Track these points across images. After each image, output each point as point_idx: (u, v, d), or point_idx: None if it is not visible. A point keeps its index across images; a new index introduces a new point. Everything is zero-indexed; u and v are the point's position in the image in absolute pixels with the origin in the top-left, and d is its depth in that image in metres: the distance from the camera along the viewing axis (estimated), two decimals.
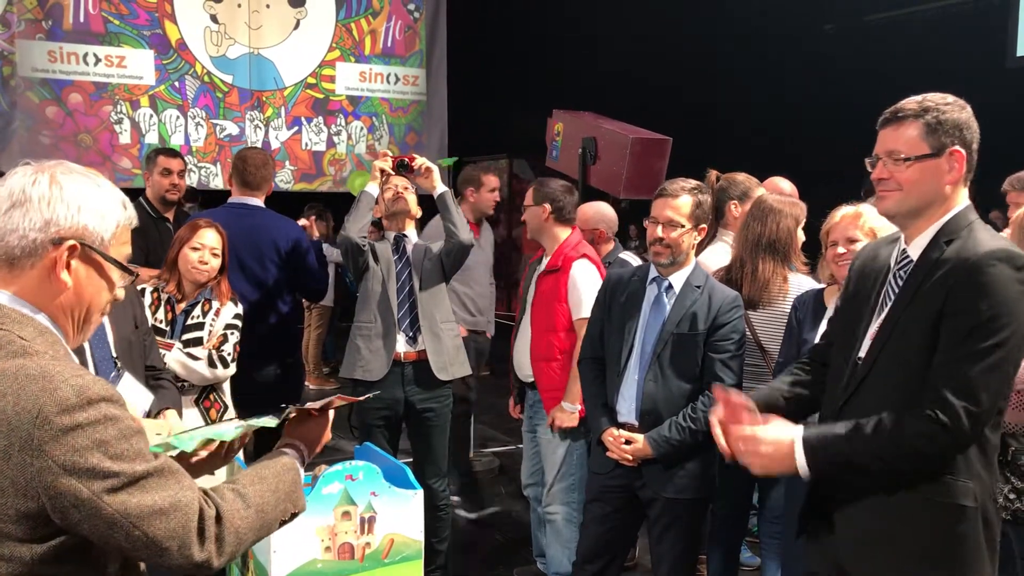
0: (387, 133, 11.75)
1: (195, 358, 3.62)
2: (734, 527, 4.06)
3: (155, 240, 4.84)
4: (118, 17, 10.40)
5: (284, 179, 11.12)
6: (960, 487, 2.10)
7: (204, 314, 3.72)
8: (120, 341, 2.74)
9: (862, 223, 3.26)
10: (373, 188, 4.27)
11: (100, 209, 1.60)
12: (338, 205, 11.08)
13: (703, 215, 3.42)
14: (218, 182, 10.87)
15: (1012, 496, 3.56)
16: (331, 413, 1.99)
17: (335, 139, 11.56)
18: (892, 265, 2.30)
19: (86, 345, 2.60)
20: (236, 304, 3.83)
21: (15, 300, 1.56)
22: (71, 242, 1.56)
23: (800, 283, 3.79)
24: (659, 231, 3.42)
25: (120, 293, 1.68)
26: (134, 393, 2.69)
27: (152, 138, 10.64)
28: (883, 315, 2.25)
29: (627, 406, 3.43)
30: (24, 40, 10.05)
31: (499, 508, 5.73)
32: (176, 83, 10.81)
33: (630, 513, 3.54)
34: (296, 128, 11.36)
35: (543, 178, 4.47)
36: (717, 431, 2.34)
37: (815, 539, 2.42)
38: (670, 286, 3.47)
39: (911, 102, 2.23)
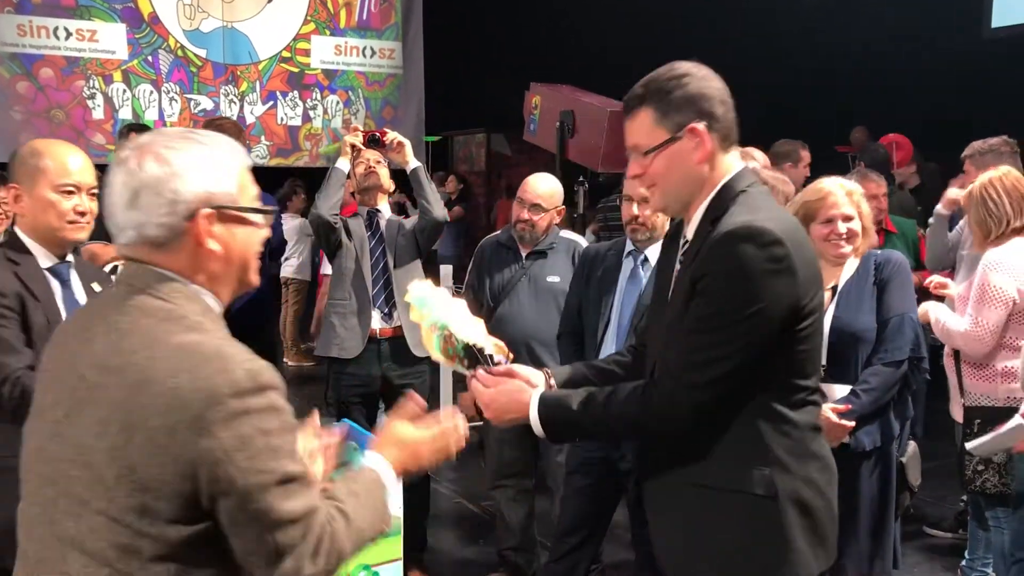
0: (363, 107, 11.66)
1: None
2: None
3: None
4: None
5: (259, 154, 11.02)
6: (755, 475, 1.96)
7: None
8: None
9: (856, 199, 3.15)
10: (344, 164, 4.23)
11: (216, 167, 1.56)
12: (315, 180, 11.02)
13: None
14: None
15: (980, 467, 3.59)
16: (451, 427, 1.90)
17: (311, 113, 11.46)
18: (680, 246, 2.15)
19: None
20: None
21: (180, 277, 1.55)
22: (205, 211, 1.53)
23: None
24: (635, 209, 3.41)
25: (266, 231, 1.68)
26: None
27: (126, 113, 10.51)
28: (669, 300, 2.13)
29: None
30: None
31: (478, 482, 5.74)
32: (149, 57, 10.66)
33: (610, 486, 3.55)
34: (271, 103, 11.24)
35: None
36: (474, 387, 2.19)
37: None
38: (646, 259, 3.47)
39: (638, 87, 2.04)
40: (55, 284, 2.58)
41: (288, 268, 9.06)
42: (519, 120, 7.83)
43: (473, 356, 2.17)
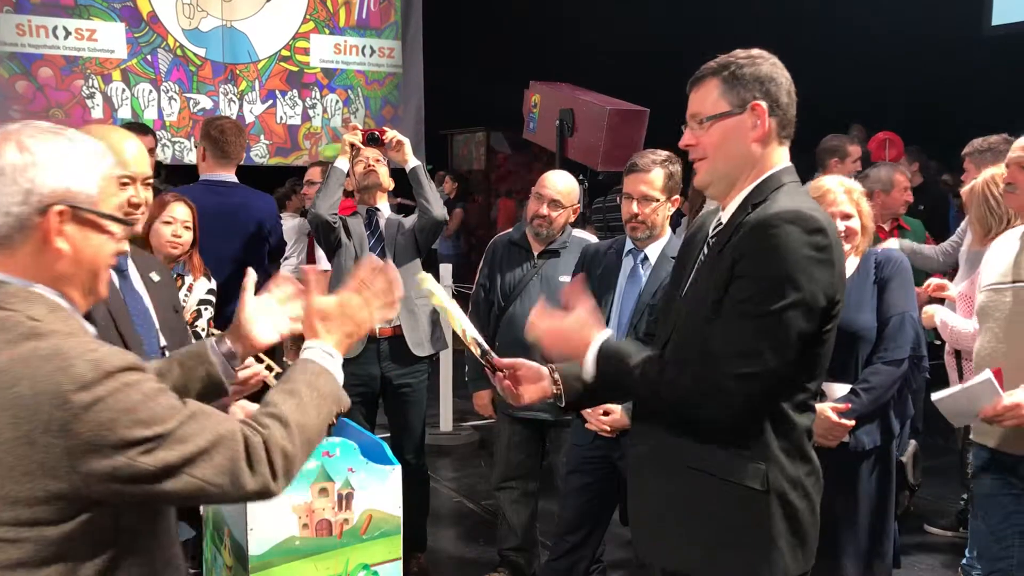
0: (363, 106, 11.65)
1: None
2: None
3: None
4: None
5: (259, 153, 11.02)
6: (750, 468, 1.96)
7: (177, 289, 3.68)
8: (165, 328, 2.59)
9: (856, 197, 3.14)
10: (343, 163, 4.21)
11: (79, 165, 1.50)
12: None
13: (675, 186, 3.42)
14: (192, 157, 10.74)
15: None
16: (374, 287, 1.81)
17: (310, 112, 11.45)
18: (709, 233, 2.15)
19: (142, 338, 2.47)
20: (209, 279, 3.79)
21: (17, 279, 1.48)
22: (59, 207, 1.46)
23: None
24: (634, 207, 3.41)
25: (124, 245, 1.61)
26: None
27: (125, 113, 10.51)
28: (690, 281, 2.13)
29: None
30: None
31: (479, 481, 5.74)
32: (148, 57, 10.66)
33: (610, 484, 3.55)
34: (271, 102, 11.23)
35: None
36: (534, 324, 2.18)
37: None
38: (646, 258, 3.47)
39: (713, 61, 2.08)
40: (111, 273, 2.52)
41: (287, 267, 9.05)
42: (519, 118, 7.82)
43: (483, 349, 2.26)
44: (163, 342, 2.55)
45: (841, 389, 3.06)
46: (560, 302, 3.76)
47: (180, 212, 3.66)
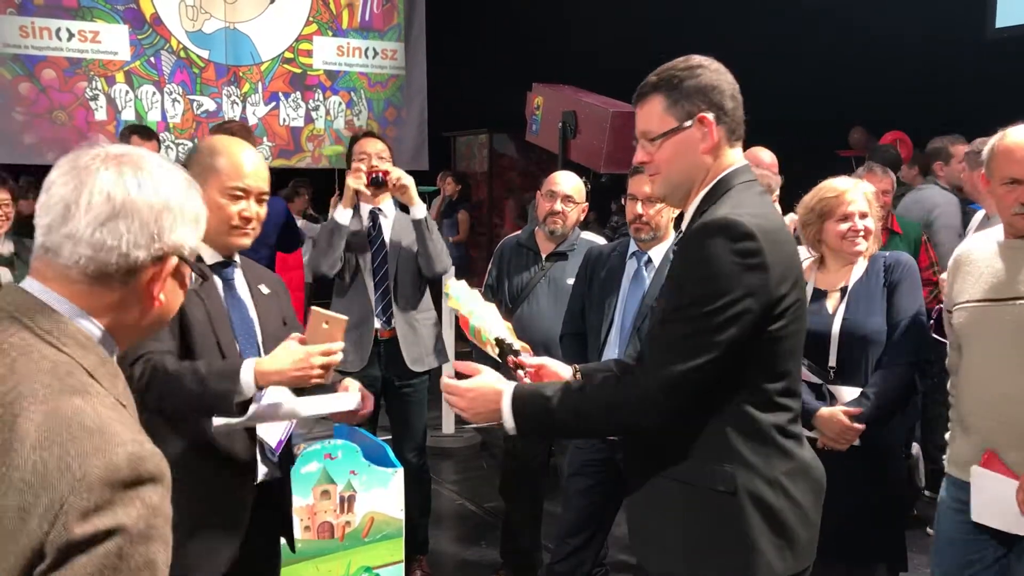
0: (366, 108, 11.64)
1: None
2: None
3: None
4: None
5: (262, 155, 11.02)
6: (716, 472, 1.97)
7: None
8: (268, 340, 2.53)
9: (870, 199, 3.15)
10: (345, 216, 4.02)
11: (196, 215, 1.38)
12: (317, 180, 11.03)
13: None
14: None
15: None
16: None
17: (313, 114, 11.45)
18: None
19: (241, 347, 2.44)
20: None
21: (86, 317, 1.30)
22: (175, 260, 1.34)
23: None
24: (639, 208, 3.40)
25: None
26: (280, 398, 2.42)
27: (128, 115, 10.51)
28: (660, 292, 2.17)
29: None
30: None
31: (481, 484, 5.73)
32: (152, 59, 10.66)
33: (612, 487, 3.54)
34: (274, 104, 11.23)
35: None
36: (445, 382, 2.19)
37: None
38: (649, 260, 3.46)
39: (652, 75, 2.08)
40: (217, 281, 2.48)
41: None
42: (521, 121, 7.82)
43: (503, 348, 2.28)
44: (263, 355, 2.49)
45: (851, 392, 3.05)
46: (567, 304, 3.78)
47: None
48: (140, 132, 5.15)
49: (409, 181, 4.04)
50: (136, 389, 2.20)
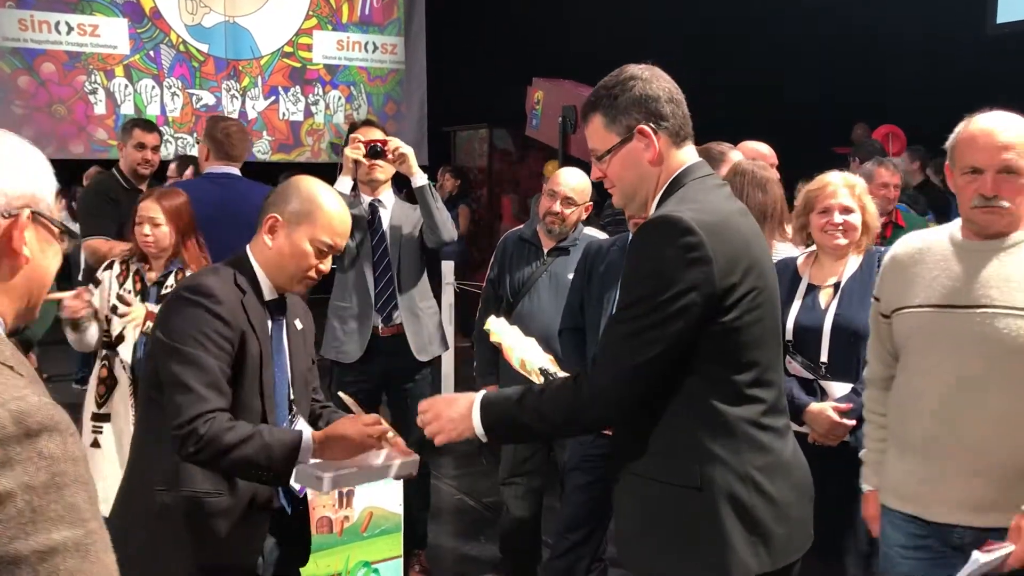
0: (365, 102, 11.66)
1: None
2: None
3: (128, 211, 4.76)
4: None
5: (261, 149, 11.02)
6: (683, 468, 1.96)
7: (177, 283, 3.64)
8: (297, 380, 2.52)
9: (858, 192, 3.13)
10: (345, 184, 3.98)
11: (41, 171, 1.40)
12: (316, 175, 10.99)
13: None
14: (195, 153, 10.76)
15: None
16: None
17: (313, 109, 11.46)
18: None
19: (273, 401, 2.41)
20: None
21: None
22: (28, 211, 1.35)
23: (780, 251, 3.74)
24: (638, 214, 3.39)
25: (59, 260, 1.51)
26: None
27: (128, 108, 10.52)
28: None
29: None
30: None
31: (480, 479, 5.73)
32: (151, 52, 10.67)
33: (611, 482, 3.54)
34: (273, 98, 11.25)
35: None
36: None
37: None
38: None
39: (590, 94, 2.12)
40: (267, 318, 2.45)
41: None
42: (522, 116, 7.81)
43: (547, 377, 2.39)
44: (292, 395, 2.50)
45: (842, 388, 3.04)
46: (568, 299, 3.77)
47: (147, 210, 3.61)
48: (142, 125, 5.10)
49: (408, 151, 4.02)
50: (197, 447, 2.15)
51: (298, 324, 2.56)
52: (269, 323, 2.42)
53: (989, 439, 2.24)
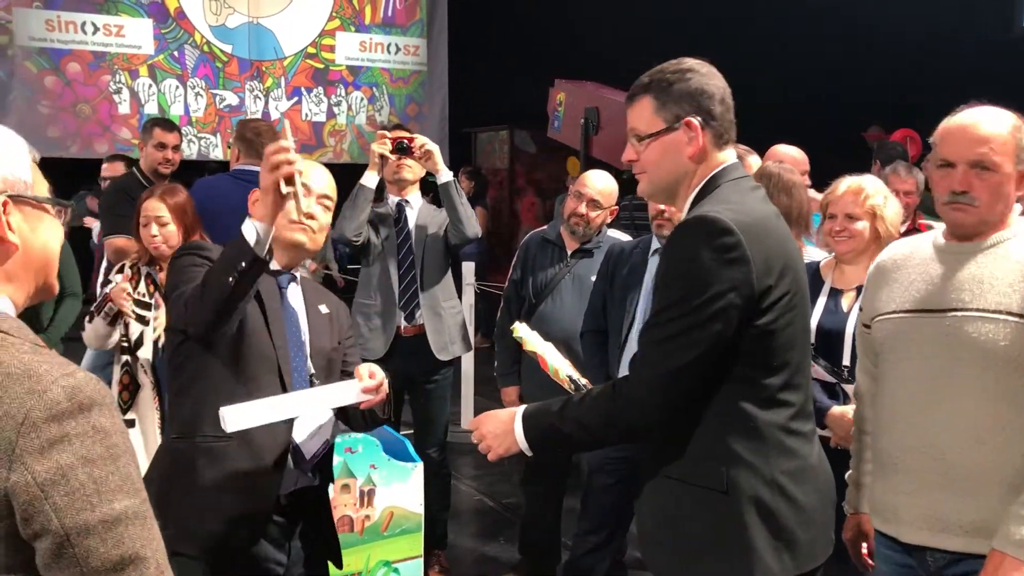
0: (388, 103, 11.69)
1: None
2: None
3: None
4: None
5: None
6: (711, 471, 1.95)
7: None
8: (316, 355, 2.55)
9: (863, 199, 3.10)
10: (371, 179, 4.01)
11: (10, 152, 1.37)
12: (339, 176, 11.04)
13: None
14: (218, 152, 10.83)
15: None
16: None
17: (335, 109, 11.50)
18: None
19: (288, 364, 2.45)
20: None
21: None
22: (3, 197, 1.33)
23: (809, 255, 3.71)
24: (661, 205, 3.39)
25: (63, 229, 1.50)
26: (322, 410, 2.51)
27: (151, 108, 10.59)
28: None
29: None
30: (21, 8, 9.98)
31: (500, 480, 5.74)
32: (175, 52, 10.74)
33: (632, 484, 3.53)
34: (296, 98, 11.29)
35: None
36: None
37: None
38: None
39: (644, 76, 2.10)
40: (272, 281, 2.51)
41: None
42: (543, 117, 7.82)
43: (577, 385, 2.40)
44: (312, 370, 2.53)
45: None
46: (590, 301, 3.77)
47: (153, 209, 3.61)
48: (162, 125, 5.14)
49: (434, 148, 4.04)
50: (179, 314, 2.30)
51: (323, 309, 2.61)
52: (275, 287, 2.49)
53: (955, 450, 2.13)
